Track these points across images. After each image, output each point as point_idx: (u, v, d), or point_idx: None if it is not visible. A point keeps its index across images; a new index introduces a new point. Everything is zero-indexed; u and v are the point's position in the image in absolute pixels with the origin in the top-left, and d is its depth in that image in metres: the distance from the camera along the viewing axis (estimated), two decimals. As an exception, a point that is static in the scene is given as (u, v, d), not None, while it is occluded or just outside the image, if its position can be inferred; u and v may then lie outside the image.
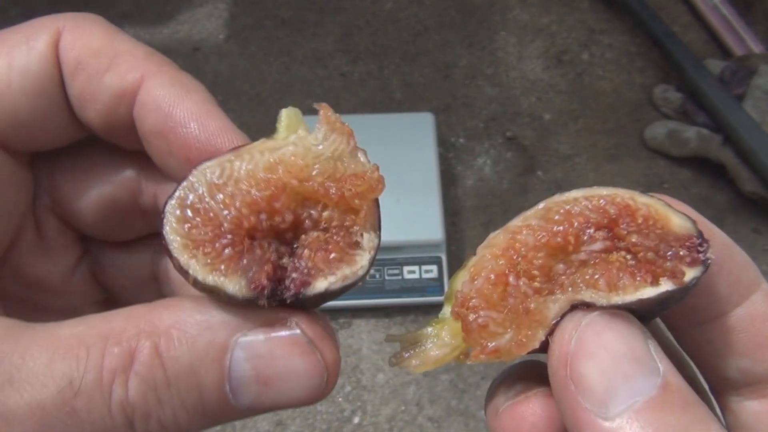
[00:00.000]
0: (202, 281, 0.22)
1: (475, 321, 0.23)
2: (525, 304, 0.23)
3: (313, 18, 1.12)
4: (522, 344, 0.22)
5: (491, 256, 0.24)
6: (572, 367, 0.21)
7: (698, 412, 0.20)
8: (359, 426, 0.83)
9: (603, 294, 0.21)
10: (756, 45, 1.09)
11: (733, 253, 0.24)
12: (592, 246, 0.23)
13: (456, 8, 1.15)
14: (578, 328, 0.21)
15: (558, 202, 0.24)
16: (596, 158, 1.03)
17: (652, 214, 0.22)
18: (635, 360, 0.20)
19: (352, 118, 1.08)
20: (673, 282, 0.21)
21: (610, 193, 0.23)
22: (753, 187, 0.95)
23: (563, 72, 1.10)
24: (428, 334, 0.25)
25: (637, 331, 0.21)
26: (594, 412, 0.20)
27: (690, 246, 0.21)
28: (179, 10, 1.12)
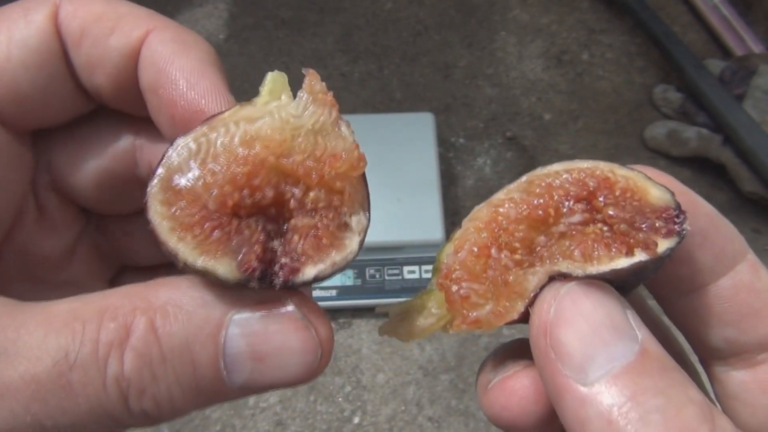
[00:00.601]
0: (192, 264, 0.22)
1: (457, 292, 0.24)
2: (504, 276, 0.23)
3: (313, 18, 1.12)
4: (500, 315, 0.23)
5: (474, 229, 0.24)
6: (551, 335, 0.21)
7: (675, 376, 0.20)
8: (359, 426, 0.83)
9: (579, 265, 0.22)
10: (756, 45, 1.09)
11: (718, 224, 0.24)
12: (571, 218, 0.23)
13: (456, 8, 1.15)
14: (556, 297, 0.21)
15: (540, 175, 0.24)
16: (596, 158, 1.03)
17: (631, 187, 0.23)
18: (613, 327, 0.20)
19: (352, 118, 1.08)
20: (647, 253, 0.21)
21: (591, 165, 0.24)
22: (753, 187, 0.95)
23: (563, 72, 1.10)
24: (416, 304, 0.25)
25: (615, 299, 0.21)
26: (573, 377, 0.20)
27: (666, 217, 0.22)
28: (179, 10, 1.12)
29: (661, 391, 0.19)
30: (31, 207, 0.29)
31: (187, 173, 0.23)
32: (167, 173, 0.23)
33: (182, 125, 0.25)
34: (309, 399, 0.84)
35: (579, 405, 0.20)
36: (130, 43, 0.26)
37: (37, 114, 0.27)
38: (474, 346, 0.87)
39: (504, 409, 0.25)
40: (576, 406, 0.20)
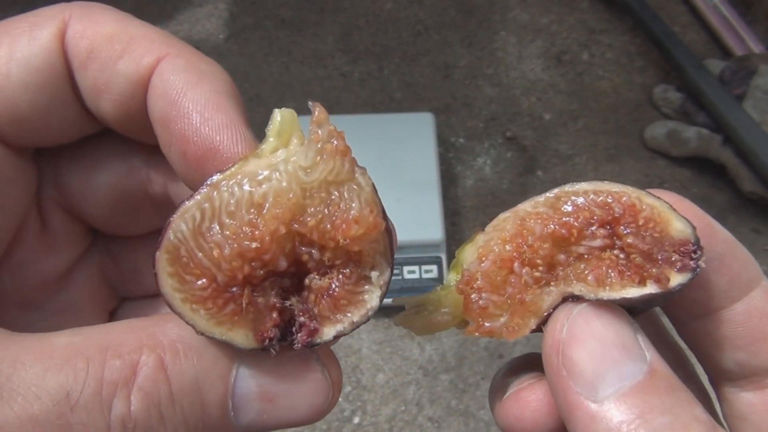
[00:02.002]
0: (211, 336, 0.22)
1: (476, 302, 0.24)
2: (521, 295, 0.24)
3: (313, 18, 1.12)
4: (513, 331, 0.24)
5: (500, 240, 0.25)
6: (564, 353, 0.22)
7: (682, 396, 0.21)
8: (359, 426, 0.83)
9: (591, 288, 0.23)
10: (756, 45, 1.09)
11: (735, 250, 0.25)
12: (592, 242, 0.24)
13: (456, 8, 1.15)
14: (569, 317, 0.22)
15: (568, 192, 0.25)
16: (596, 158, 1.03)
17: (654, 217, 0.23)
18: (623, 347, 0.21)
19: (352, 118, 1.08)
20: (658, 286, 0.22)
21: (619, 190, 0.24)
22: (753, 187, 0.95)
23: (563, 72, 1.10)
24: (432, 300, 0.26)
25: (625, 321, 0.22)
26: (584, 395, 0.21)
27: (683, 252, 0.23)
28: (179, 10, 1.12)
29: (668, 409, 0.20)
30: (33, 223, 0.28)
31: (193, 246, 0.22)
32: (173, 246, 0.22)
33: (195, 163, 0.24)
34: (309, 399, 0.84)
35: (589, 421, 0.20)
36: (140, 71, 0.24)
37: (38, 134, 0.25)
38: (474, 347, 0.87)
39: (518, 420, 0.25)
40: (586, 422, 0.20)
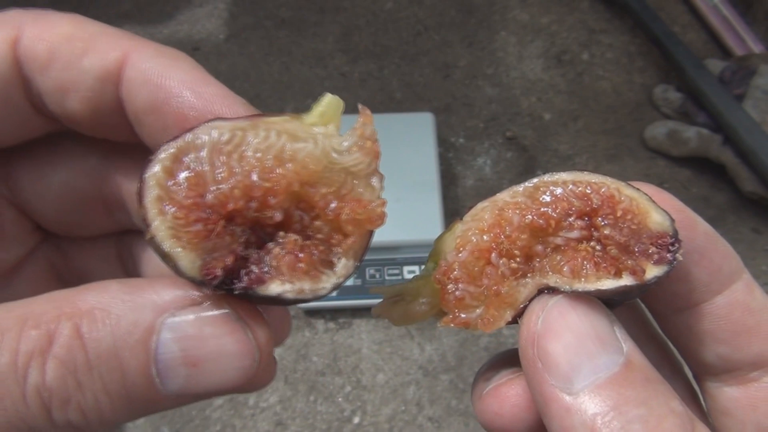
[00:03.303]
0: (159, 243, 0.21)
1: (453, 293, 0.24)
2: (497, 287, 0.24)
3: (313, 18, 1.12)
4: (488, 322, 0.24)
5: (478, 230, 0.24)
6: (539, 345, 0.21)
7: (658, 388, 0.20)
8: (359, 426, 0.83)
9: (567, 280, 0.22)
10: (756, 45, 1.09)
11: (716, 243, 0.24)
12: (570, 233, 0.24)
13: (456, 8, 1.15)
14: (544, 309, 0.22)
15: (547, 182, 0.24)
16: (596, 158, 1.03)
17: (632, 209, 0.23)
18: (599, 339, 0.21)
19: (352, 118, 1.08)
20: (633, 278, 0.22)
21: (598, 181, 0.24)
22: (753, 187, 0.95)
23: (563, 72, 1.10)
24: (410, 289, 0.25)
25: (601, 313, 0.22)
26: (559, 387, 0.20)
27: (661, 244, 0.22)
28: (179, 10, 1.12)
29: (643, 401, 0.20)
30: None
31: (203, 155, 0.22)
32: (185, 145, 0.22)
33: None
34: (309, 399, 0.84)
35: (564, 414, 0.20)
36: (107, 65, 0.24)
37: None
38: (474, 347, 0.87)
39: (497, 416, 0.25)
40: (561, 414, 0.20)
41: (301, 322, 0.89)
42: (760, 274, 0.95)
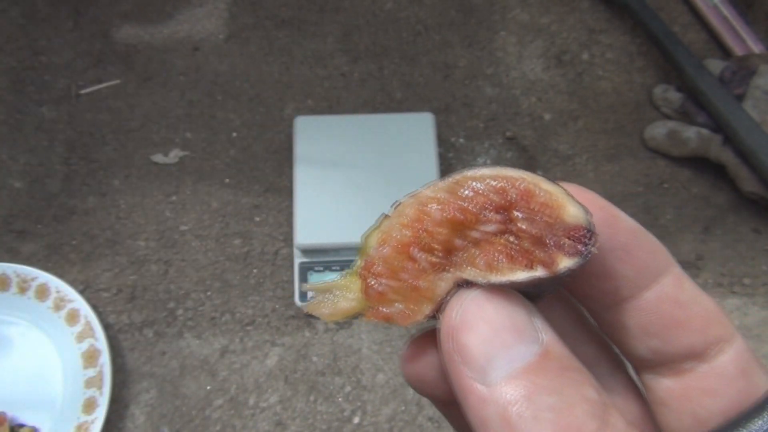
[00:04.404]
0: None
1: (374, 287, 0.24)
2: (415, 281, 0.23)
3: (313, 18, 1.12)
4: (406, 316, 0.23)
5: (400, 225, 0.24)
6: (456, 339, 0.21)
7: (574, 377, 0.20)
8: (359, 426, 0.83)
9: (482, 273, 0.22)
10: (756, 45, 1.09)
11: (640, 238, 0.24)
12: (487, 227, 0.23)
13: (456, 8, 1.15)
14: (462, 302, 0.22)
15: (468, 177, 0.24)
16: (596, 158, 1.03)
17: (549, 202, 0.23)
18: (515, 330, 0.21)
19: (352, 118, 1.08)
20: (545, 270, 0.22)
21: (517, 176, 0.23)
22: (753, 187, 0.95)
23: (563, 72, 1.10)
24: (340, 285, 0.25)
25: (519, 305, 0.22)
26: (475, 379, 0.20)
27: (575, 236, 0.22)
28: (179, 10, 1.12)
29: (556, 390, 0.19)
30: None
31: None
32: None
33: None
34: (309, 399, 0.84)
35: (480, 405, 0.20)
36: None
37: None
38: (474, 346, 0.87)
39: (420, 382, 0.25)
40: (478, 406, 0.20)
41: (301, 322, 0.89)
42: (760, 274, 0.95)
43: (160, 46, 1.08)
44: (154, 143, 1.00)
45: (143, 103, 1.03)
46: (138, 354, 0.86)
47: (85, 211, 0.95)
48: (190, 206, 0.96)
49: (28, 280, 0.85)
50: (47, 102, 1.02)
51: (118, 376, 0.84)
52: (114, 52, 1.07)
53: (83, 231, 0.93)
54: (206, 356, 0.86)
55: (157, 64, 1.06)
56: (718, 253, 0.96)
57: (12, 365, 0.84)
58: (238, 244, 0.94)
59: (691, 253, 0.96)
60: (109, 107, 1.03)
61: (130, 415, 0.83)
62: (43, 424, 0.80)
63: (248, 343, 0.87)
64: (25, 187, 0.96)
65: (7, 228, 0.93)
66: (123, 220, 0.95)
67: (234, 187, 0.98)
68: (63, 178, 0.97)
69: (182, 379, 0.85)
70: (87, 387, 0.80)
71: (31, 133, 1.00)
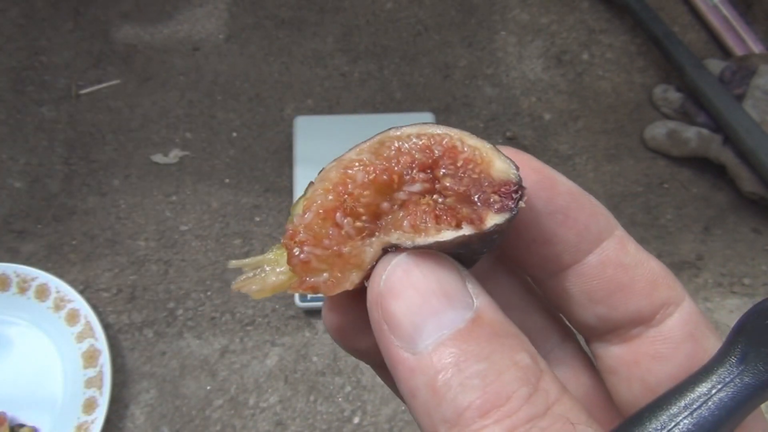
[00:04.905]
0: None
1: (297, 256, 0.23)
2: (339, 247, 0.22)
3: (313, 18, 1.12)
4: (333, 285, 0.22)
5: (323, 190, 0.23)
6: (383, 306, 0.20)
7: (506, 342, 0.19)
8: (359, 426, 0.83)
9: (408, 235, 0.21)
10: (756, 45, 1.09)
11: (580, 201, 0.23)
12: (412, 187, 0.22)
13: (456, 8, 1.15)
14: (387, 268, 0.21)
15: (392, 136, 0.23)
16: (596, 158, 1.03)
17: (475, 158, 0.22)
18: (445, 295, 0.20)
19: (352, 118, 1.08)
20: (472, 227, 0.21)
21: (442, 132, 0.23)
22: (753, 187, 0.95)
23: (563, 72, 1.10)
24: (269, 260, 0.24)
25: (449, 268, 0.21)
26: (404, 348, 0.19)
27: (504, 192, 0.21)
28: (179, 10, 1.12)
29: (486, 356, 0.19)
30: None
31: None
32: None
33: None
34: (309, 399, 0.84)
35: (409, 374, 0.19)
36: None
37: None
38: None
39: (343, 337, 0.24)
40: (407, 376, 0.19)
41: (301, 322, 0.89)
42: (759, 274, 0.95)
43: (160, 46, 1.08)
44: (154, 143, 1.00)
45: (143, 103, 1.03)
46: (138, 354, 0.86)
47: (85, 211, 0.95)
48: (190, 206, 0.96)
49: (28, 280, 0.85)
50: (47, 102, 1.02)
51: (118, 376, 0.84)
52: (114, 52, 1.07)
53: (83, 231, 0.93)
54: (206, 356, 0.86)
55: (157, 64, 1.06)
56: (718, 253, 0.96)
57: (12, 365, 0.84)
58: (238, 244, 0.94)
59: (691, 253, 0.96)
60: (109, 107, 1.03)
61: (130, 415, 0.83)
62: (43, 424, 0.80)
63: (248, 343, 0.87)
64: (25, 187, 0.96)
65: (7, 228, 0.93)
66: (123, 220, 0.95)
67: (234, 187, 0.98)
68: (63, 178, 0.97)
69: (182, 379, 0.85)
70: (87, 387, 0.80)
71: (31, 133, 1.00)
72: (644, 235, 0.97)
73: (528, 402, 0.18)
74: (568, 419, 0.18)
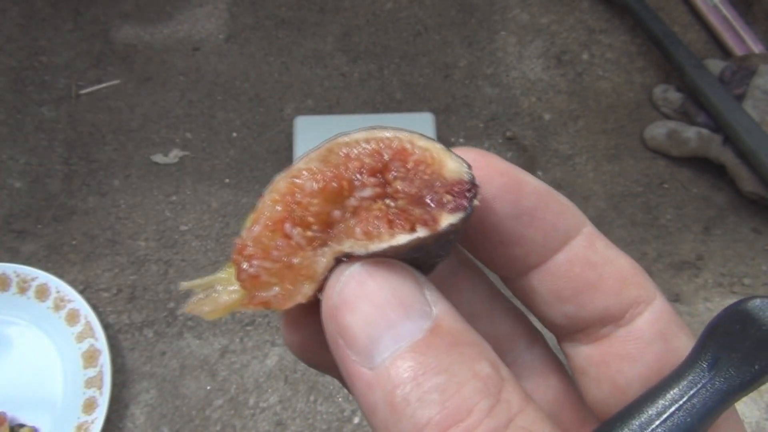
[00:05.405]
0: None
1: (246, 271, 0.22)
2: (289, 259, 0.21)
3: (313, 18, 1.12)
4: (284, 298, 0.21)
5: (272, 201, 0.22)
6: (337, 320, 0.19)
7: (466, 351, 0.18)
8: (359, 426, 0.83)
9: (361, 243, 0.20)
10: (756, 45, 1.09)
11: (547, 200, 0.23)
12: (362, 192, 0.21)
13: (456, 8, 1.15)
14: (341, 279, 0.20)
15: (340, 143, 0.22)
16: (596, 158, 1.03)
17: (426, 159, 0.21)
18: (401, 306, 0.19)
19: (352, 118, 1.08)
20: (426, 229, 0.20)
21: (391, 135, 0.22)
22: (753, 187, 0.95)
23: (563, 72, 1.10)
24: (220, 279, 0.23)
25: (406, 277, 0.20)
26: (360, 363, 0.19)
27: (457, 192, 0.20)
28: (179, 10, 1.12)
29: (445, 368, 0.18)
30: None
31: None
32: None
33: None
34: (309, 399, 0.84)
35: (367, 390, 0.18)
36: None
37: None
38: (474, 346, 0.87)
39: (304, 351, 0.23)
40: (365, 392, 0.18)
41: (301, 322, 0.89)
42: (759, 274, 0.95)
43: (160, 46, 1.08)
44: (154, 143, 1.00)
45: (143, 103, 1.03)
46: (138, 354, 0.86)
47: (85, 211, 0.95)
48: (190, 206, 0.96)
49: (28, 280, 0.85)
50: (47, 102, 1.02)
51: (118, 376, 0.84)
52: (114, 52, 1.07)
53: (83, 231, 0.93)
54: (206, 356, 0.86)
55: (157, 64, 1.06)
56: (718, 253, 0.96)
57: (12, 365, 0.84)
58: (238, 244, 0.94)
59: (691, 253, 0.96)
60: (109, 107, 1.03)
61: (130, 415, 0.83)
62: (43, 424, 0.80)
63: (248, 343, 0.87)
64: (25, 187, 0.96)
65: (7, 228, 0.93)
66: (123, 220, 0.95)
67: (234, 187, 0.98)
68: (63, 178, 0.97)
69: (182, 379, 0.85)
70: (87, 387, 0.80)
71: (31, 133, 1.00)
72: (644, 235, 0.97)
73: (489, 415, 0.17)
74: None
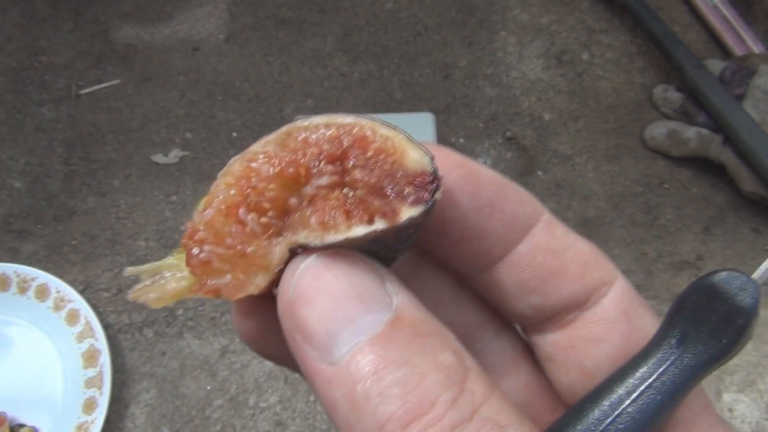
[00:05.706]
0: None
1: (197, 256, 0.20)
2: (242, 247, 0.20)
3: (313, 18, 1.12)
4: (235, 288, 0.20)
5: (226, 185, 0.21)
6: (294, 315, 0.19)
7: (428, 342, 0.18)
8: (359, 426, 0.83)
9: (317, 234, 0.19)
10: (756, 45, 1.09)
11: (505, 191, 0.22)
12: (320, 180, 0.20)
13: (456, 8, 1.15)
14: (296, 272, 0.19)
15: (299, 127, 0.21)
16: (596, 158, 1.03)
17: (387, 148, 0.20)
18: (359, 299, 0.18)
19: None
20: (385, 221, 0.19)
21: (351, 121, 0.21)
22: (753, 187, 0.95)
23: (563, 72, 1.10)
24: (168, 265, 0.22)
25: (364, 269, 0.19)
26: (319, 359, 0.18)
27: (418, 184, 0.19)
28: (179, 10, 1.12)
29: (406, 361, 0.17)
30: None
31: None
32: None
33: None
34: (309, 399, 0.84)
35: (327, 387, 0.18)
36: None
37: None
38: (474, 346, 0.87)
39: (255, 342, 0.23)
40: (325, 388, 0.18)
41: (301, 322, 0.89)
42: (760, 274, 0.95)
43: (160, 46, 1.08)
44: (154, 143, 1.00)
45: (143, 103, 1.03)
46: (138, 354, 0.86)
47: (85, 211, 0.95)
48: (190, 206, 0.96)
49: (28, 280, 0.85)
50: (47, 102, 1.02)
51: (118, 376, 0.84)
52: (114, 52, 1.07)
53: (83, 231, 0.93)
54: (206, 356, 0.86)
55: (157, 64, 1.06)
56: (718, 253, 0.96)
57: (12, 365, 0.84)
58: (238, 244, 0.94)
59: (691, 253, 0.96)
60: (109, 107, 1.03)
61: (130, 415, 0.83)
62: (43, 424, 0.80)
63: (248, 343, 0.87)
64: (25, 187, 0.96)
65: (7, 228, 0.93)
66: (123, 220, 0.95)
67: (234, 187, 0.98)
68: (63, 178, 0.97)
69: (182, 379, 0.85)
70: (87, 387, 0.80)
71: (31, 133, 1.00)
72: (644, 235, 0.97)
73: (453, 407, 0.17)
74: (497, 422, 0.17)
